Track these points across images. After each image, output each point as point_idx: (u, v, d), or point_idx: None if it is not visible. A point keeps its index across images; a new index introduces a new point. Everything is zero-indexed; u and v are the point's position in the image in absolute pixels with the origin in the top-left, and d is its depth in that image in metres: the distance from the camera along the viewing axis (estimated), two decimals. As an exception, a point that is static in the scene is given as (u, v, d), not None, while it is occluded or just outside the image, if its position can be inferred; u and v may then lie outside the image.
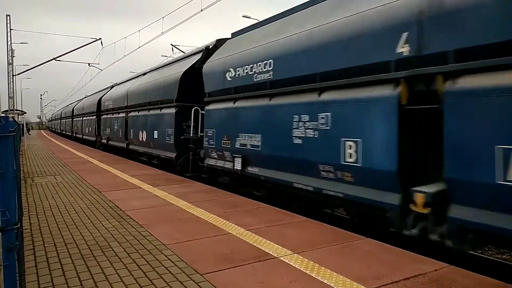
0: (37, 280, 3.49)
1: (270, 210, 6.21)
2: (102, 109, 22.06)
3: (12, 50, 28.82)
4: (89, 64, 31.54)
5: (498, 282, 3.41)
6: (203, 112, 9.76)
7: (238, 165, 7.92)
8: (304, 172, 6.17)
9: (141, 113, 14.58)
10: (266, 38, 7.55)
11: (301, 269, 3.70)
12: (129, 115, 16.26)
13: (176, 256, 4.07)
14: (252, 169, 7.61)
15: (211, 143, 9.01)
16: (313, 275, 3.55)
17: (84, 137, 28.13)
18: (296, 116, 6.20)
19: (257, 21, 9.69)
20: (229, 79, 8.38)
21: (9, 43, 28.49)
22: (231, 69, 8.30)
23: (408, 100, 4.55)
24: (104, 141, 20.85)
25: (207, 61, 9.71)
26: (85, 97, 34.55)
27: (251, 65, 7.62)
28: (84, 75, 76.57)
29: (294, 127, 6.24)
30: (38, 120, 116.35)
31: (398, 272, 3.60)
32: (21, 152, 16.68)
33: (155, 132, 12.71)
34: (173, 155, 11.26)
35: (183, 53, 15.50)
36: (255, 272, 3.63)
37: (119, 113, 18.02)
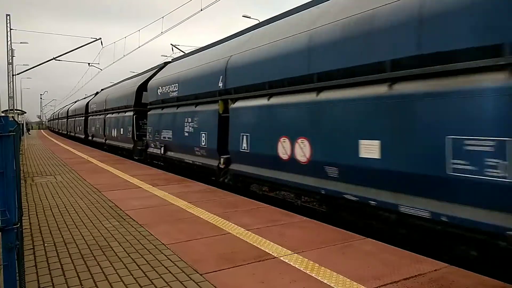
0: (37, 280, 3.49)
1: (270, 210, 6.21)
2: (89, 111, 26.30)
3: (12, 50, 28.83)
4: (89, 64, 31.56)
5: (498, 282, 3.41)
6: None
7: (162, 151, 12.10)
8: (189, 152, 10.21)
9: (113, 115, 18.88)
10: (175, 69, 12.09)
11: (301, 269, 3.70)
12: (106, 116, 20.32)
13: (176, 256, 4.07)
14: (169, 153, 11.79)
15: (150, 137, 13.36)
16: (313, 275, 3.55)
17: (76, 135, 32.73)
18: (187, 118, 10.27)
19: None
20: (159, 93, 12.74)
21: (9, 43, 28.49)
22: (160, 87, 12.74)
23: (223, 111, 8.76)
24: (90, 138, 25.44)
25: (151, 80, 14.13)
26: (77, 100, 38.89)
27: (168, 86, 11.99)
28: (84, 75, 76.62)
29: (185, 125, 10.31)
30: (38, 120, 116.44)
31: (398, 272, 3.60)
32: (21, 152, 16.68)
33: (121, 129, 17.09)
34: (131, 146, 15.67)
35: (154, 66, 17.20)
36: (255, 272, 3.63)
37: (100, 114, 22.33)
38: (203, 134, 9.41)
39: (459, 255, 4.31)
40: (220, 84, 8.79)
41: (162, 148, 12.11)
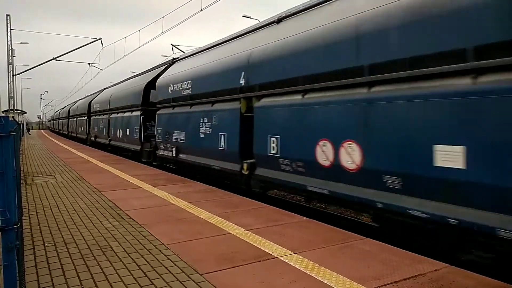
0: (37, 280, 3.49)
1: (270, 210, 6.20)
2: (91, 111, 25.13)
3: (12, 50, 28.82)
4: (89, 64, 31.59)
5: (498, 282, 3.41)
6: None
7: (174, 153, 11.22)
8: (208, 155, 9.36)
9: (119, 115, 17.90)
10: (189, 65, 11.27)
11: (301, 269, 3.70)
12: (111, 116, 19.41)
13: (176, 256, 4.07)
14: (181, 156, 10.85)
15: (159, 138, 12.48)
16: (313, 275, 3.55)
17: (77, 135, 31.42)
18: (203, 118, 9.44)
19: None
20: (170, 92, 11.82)
21: (9, 43, 28.49)
22: (171, 85, 11.76)
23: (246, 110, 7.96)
24: (92, 138, 24.05)
25: (160, 77, 13.16)
26: (79, 100, 37.16)
27: (180, 83, 11.09)
28: (84, 75, 76.58)
29: (200, 126, 9.55)
30: (38, 120, 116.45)
31: (398, 272, 3.60)
32: (21, 152, 16.68)
33: (127, 130, 16.15)
34: (138, 147, 14.76)
35: (154, 66, 16.31)
36: (255, 272, 3.63)
37: (104, 114, 21.37)
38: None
39: None
40: (242, 81, 7.92)
41: (174, 150, 11.16)
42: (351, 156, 5.32)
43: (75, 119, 33.78)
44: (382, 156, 4.88)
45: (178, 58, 13.55)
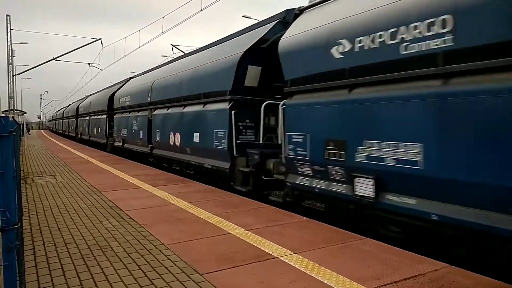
0: (37, 280, 3.49)
1: (270, 210, 6.20)
2: (115, 107, 19.32)
3: (12, 50, 28.82)
4: (89, 64, 31.60)
5: (498, 282, 3.41)
6: (284, 107, 6.82)
7: (364, 190, 5.19)
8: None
9: (171, 110, 11.95)
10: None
11: (301, 269, 3.70)
12: (153, 113, 13.53)
13: (176, 256, 4.07)
14: (396, 199, 4.85)
15: (299, 153, 6.33)
16: (313, 275, 3.55)
17: (91, 138, 25.07)
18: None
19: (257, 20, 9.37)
20: (338, 56, 5.68)
21: (9, 43, 28.49)
22: (344, 41, 5.52)
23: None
24: (118, 143, 18.12)
25: (285, 36, 6.92)
26: (91, 94, 30.76)
27: (394, 29, 4.72)
28: (84, 75, 76.63)
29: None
30: (38, 120, 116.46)
31: (398, 272, 3.60)
32: (21, 152, 16.68)
33: (196, 134, 10.07)
34: (226, 165, 8.60)
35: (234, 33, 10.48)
36: (255, 272, 3.63)
37: (138, 111, 15.37)
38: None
39: None
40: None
41: (368, 184, 8.92)
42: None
43: (88, 118, 27.05)
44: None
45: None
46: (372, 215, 5.31)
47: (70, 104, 42.47)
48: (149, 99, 14.02)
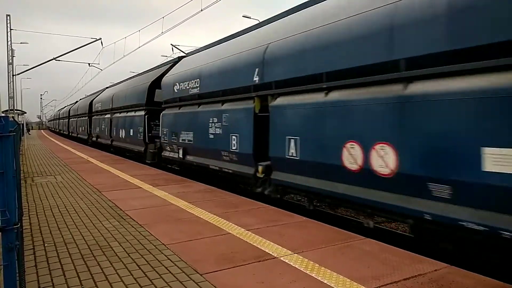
0: (37, 280, 3.49)
1: (270, 210, 6.20)
2: (93, 111, 24.52)
3: (12, 50, 28.81)
4: (89, 64, 31.57)
5: (498, 282, 3.41)
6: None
7: (180, 154, 10.91)
8: (215, 157, 9.21)
9: (121, 114, 17.41)
10: (195, 63, 10.89)
11: (301, 269, 3.70)
12: (113, 116, 18.81)
13: (176, 256, 4.07)
14: (189, 157, 10.52)
15: (165, 139, 12.10)
16: (313, 275, 3.55)
17: (78, 135, 30.96)
18: (213, 118, 9.13)
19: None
20: (175, 90, 11.46)
21: (9, 43, 28.49)
22: (177, 83, 11.36)
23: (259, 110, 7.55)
24: (94, 138, 23.62)
25: (165, 76, 12.66)
26: (80, 100, 36.20)
27: (188, 82, 10.65)
28: (84, 75, 76.62)
29: (210, 126, 9.23)
30: (38, 120, 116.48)
31: (398, 272, 3.60)
32: (21, 152, 16.68)
33: (131, 130, 15.63)
34: (142, 148, 14.34)
35: (159, 64, 15.90)
36: (255, 272, 3.63)
37: (105, 114, 20.74)
38: (234, 137, 8.21)
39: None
40: (256, 78, 7.56)
41: (181, 151, 10.88)
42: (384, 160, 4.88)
43: (76, 119, 31.71)
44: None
45: (184, 56, 13.51)
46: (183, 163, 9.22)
47: (78, 100, 37.73)
48: (111, 106, 19.40)
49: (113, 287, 3.36)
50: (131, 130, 15.68)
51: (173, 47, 25.22)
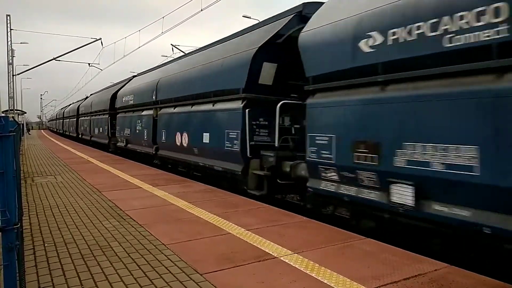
0: (37, 280, 3.49)
1: (270, 210, 6.20)
2: (117, 106, 18.50)
3: (12, 50, 28.81)
4: (89, 64, 31.58)
5: (498, 282, 3.41)
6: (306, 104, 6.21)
7: (403, 198, 4.64)
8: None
9: (178, 109, 11.35)
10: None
11: (301, 269, 3.70)
12: (159, 112, 12.86)
13: (176, 256, 4.07)
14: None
15: (324, 155, 5.81)
16: (313, 275, 3.55)
17: (92, 139, 24.20)
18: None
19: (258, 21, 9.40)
20: (367, 50, 5.13)
21: (9, 43, 28.49)
22: (375, 33, 4.98)
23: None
24: (121, 144, 17.36)
25: (306, 29, 6.32)
26: (92, 94, 29.49)
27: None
28: (84, 75, 76.56)
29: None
30: (38, 120, 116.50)
31: (398, 272, 3.60)
32: (21, 152, 16.68)
33: (205, 135, 9.43)
34: (238, 167, 8.00)
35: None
36: (255, 272, 3.63)
37: (142, 110, 14.62)
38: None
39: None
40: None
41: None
42: None
43: (89, 118, 25.17)
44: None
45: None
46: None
47: (87, 97, 31.46)
48: (154, 97, 13.33)
49: (113, 287, 3.36)
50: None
51: (173, 47, 25.23)
